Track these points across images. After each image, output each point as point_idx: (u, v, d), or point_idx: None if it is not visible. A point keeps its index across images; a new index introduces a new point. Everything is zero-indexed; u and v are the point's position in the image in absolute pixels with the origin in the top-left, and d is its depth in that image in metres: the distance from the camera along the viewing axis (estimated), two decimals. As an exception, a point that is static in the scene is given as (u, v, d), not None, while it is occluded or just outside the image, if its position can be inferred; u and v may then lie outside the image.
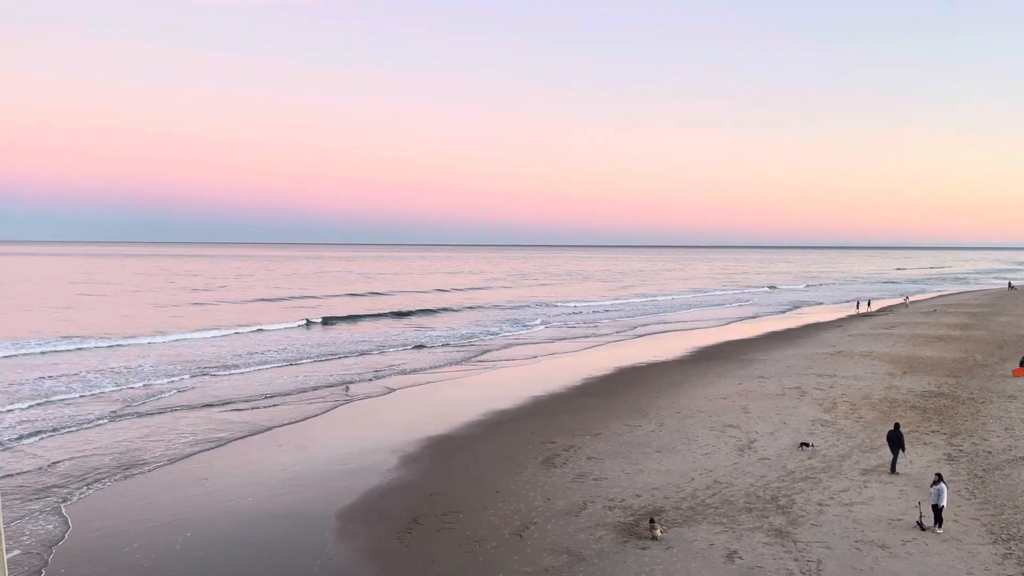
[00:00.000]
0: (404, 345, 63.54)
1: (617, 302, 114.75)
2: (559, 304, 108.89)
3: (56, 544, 21.69)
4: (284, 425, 35.67)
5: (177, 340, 65.03)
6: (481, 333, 72.77)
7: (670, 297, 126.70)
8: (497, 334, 72.25)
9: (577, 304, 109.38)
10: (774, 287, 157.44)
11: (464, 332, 73.39)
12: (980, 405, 37.46)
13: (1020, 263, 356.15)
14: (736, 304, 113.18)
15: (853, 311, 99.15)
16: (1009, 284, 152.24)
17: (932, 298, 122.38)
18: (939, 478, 21.94)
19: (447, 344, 64.66)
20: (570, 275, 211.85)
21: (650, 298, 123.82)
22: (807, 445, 29.83)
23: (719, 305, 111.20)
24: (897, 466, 26.97)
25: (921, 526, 21.51)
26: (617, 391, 42.79)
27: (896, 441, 27.00)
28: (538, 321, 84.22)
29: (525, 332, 74.45)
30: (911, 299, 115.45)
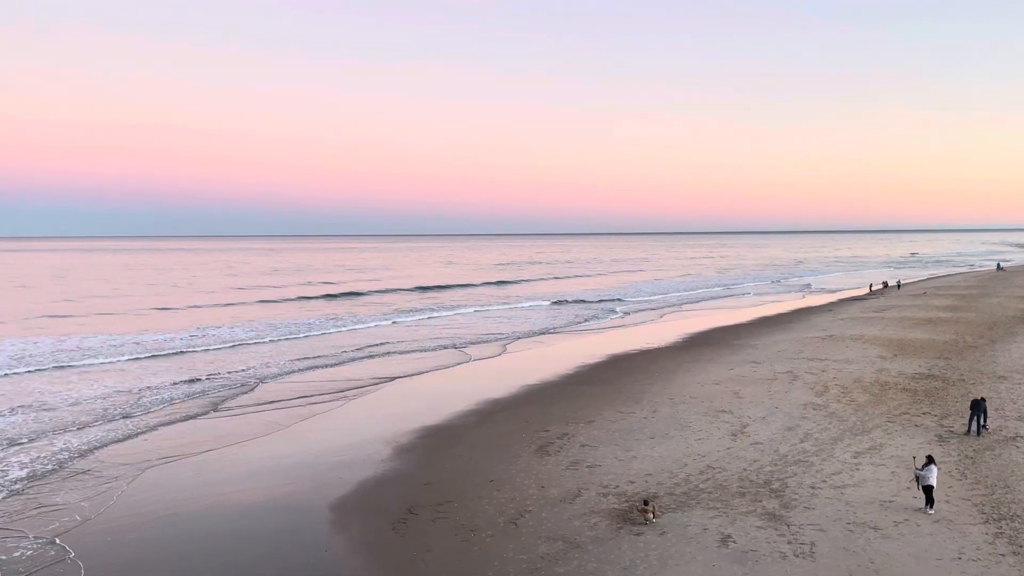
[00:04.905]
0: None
1: (703, 290, 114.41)
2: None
3: (52, 542, 21.69)
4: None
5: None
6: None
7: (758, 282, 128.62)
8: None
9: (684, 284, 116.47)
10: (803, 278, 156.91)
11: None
12: (970, 387, 37.65)
13: (999, 245, 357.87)
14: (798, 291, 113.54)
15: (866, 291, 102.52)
16: (998, 265, 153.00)
17: (922, 280, 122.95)
18: (929, 460, 22.08)
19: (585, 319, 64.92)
20: (646, 260, 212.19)
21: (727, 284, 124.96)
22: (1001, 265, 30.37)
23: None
24: (975, 430, 29.27)
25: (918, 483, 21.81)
26: (609, 378, 42.85)
27: (980, 408, 29.04)
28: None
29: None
30: (903, 282, 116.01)
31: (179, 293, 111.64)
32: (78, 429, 33.81)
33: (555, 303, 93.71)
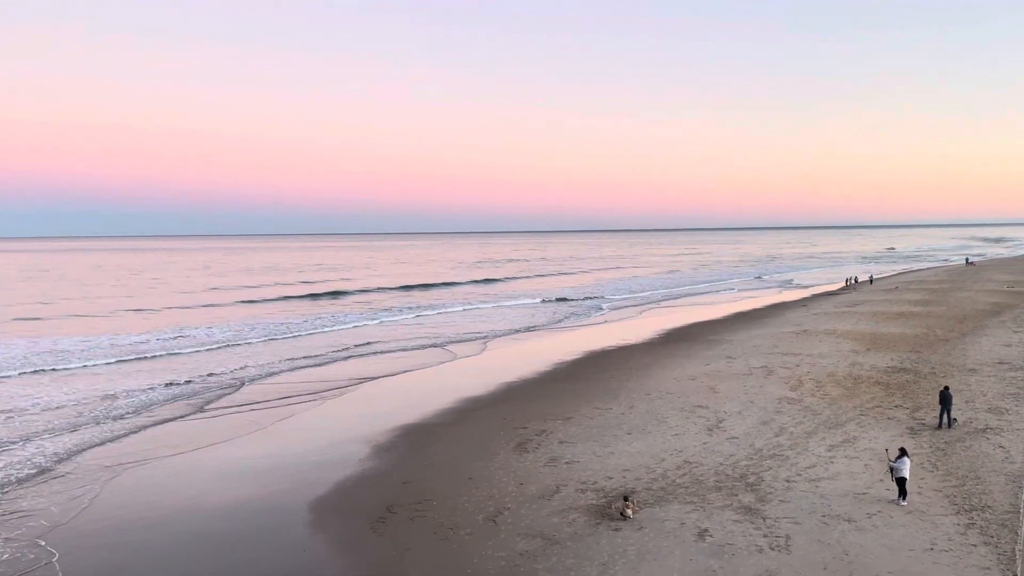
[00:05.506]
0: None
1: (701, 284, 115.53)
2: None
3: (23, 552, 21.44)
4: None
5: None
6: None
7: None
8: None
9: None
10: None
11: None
12: (941, 379, 38.22)
13: (968, 239, 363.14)
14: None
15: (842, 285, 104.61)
16: (967, 260, 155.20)
17: (894, 275, 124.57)
18: (902, 452, 22.43)
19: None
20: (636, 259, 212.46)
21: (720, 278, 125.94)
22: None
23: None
24: (946, 423, 29.85)
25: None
26: (587, 375, 43.03)
27: (947, 399, 29.70)
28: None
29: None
30: (875, 277, 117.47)
31: (157, 293, 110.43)
32: (53, 433, 33.38)
33: (540, 301, 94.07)
